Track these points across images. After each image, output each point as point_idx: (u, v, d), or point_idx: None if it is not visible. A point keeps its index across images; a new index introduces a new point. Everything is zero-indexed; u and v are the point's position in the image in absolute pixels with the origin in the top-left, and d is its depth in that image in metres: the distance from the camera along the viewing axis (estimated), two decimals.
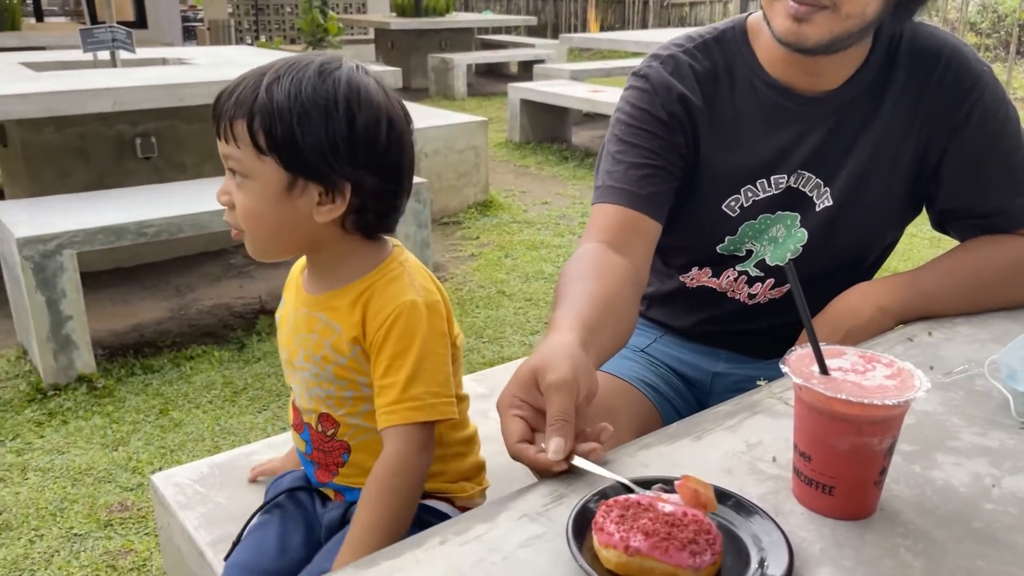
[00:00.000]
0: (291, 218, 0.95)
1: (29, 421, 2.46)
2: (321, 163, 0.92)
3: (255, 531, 1.12)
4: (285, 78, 0.92)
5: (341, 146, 0.92)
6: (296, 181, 0.93)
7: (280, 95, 0.90)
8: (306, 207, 0.95)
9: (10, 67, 3.71)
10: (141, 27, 9.56)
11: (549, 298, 3.47)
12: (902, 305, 1.18)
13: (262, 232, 0.97)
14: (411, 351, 0.96)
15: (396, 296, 0.97)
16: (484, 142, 4.64)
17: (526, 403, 0.85)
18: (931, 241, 4.13)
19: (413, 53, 9.51)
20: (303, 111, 0.90)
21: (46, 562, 1.89)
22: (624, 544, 0.65)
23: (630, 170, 1.18)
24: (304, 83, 0.91)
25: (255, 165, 0.93)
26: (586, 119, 7.32)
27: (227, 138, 0.93)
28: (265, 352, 2.93)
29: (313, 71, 0.92)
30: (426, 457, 0.99)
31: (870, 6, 1.05)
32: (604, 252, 1.12)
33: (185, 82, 3.24)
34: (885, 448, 0.74)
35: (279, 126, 0.90)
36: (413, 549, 0.71)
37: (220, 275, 3.69)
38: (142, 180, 3.55)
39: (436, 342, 0.99)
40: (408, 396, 0.96)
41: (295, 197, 0.94)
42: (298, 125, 0.90)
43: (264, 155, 0.92)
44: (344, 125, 0.92)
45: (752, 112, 1.21)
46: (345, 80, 0.93)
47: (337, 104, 0.91)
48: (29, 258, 2.50)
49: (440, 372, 0.99)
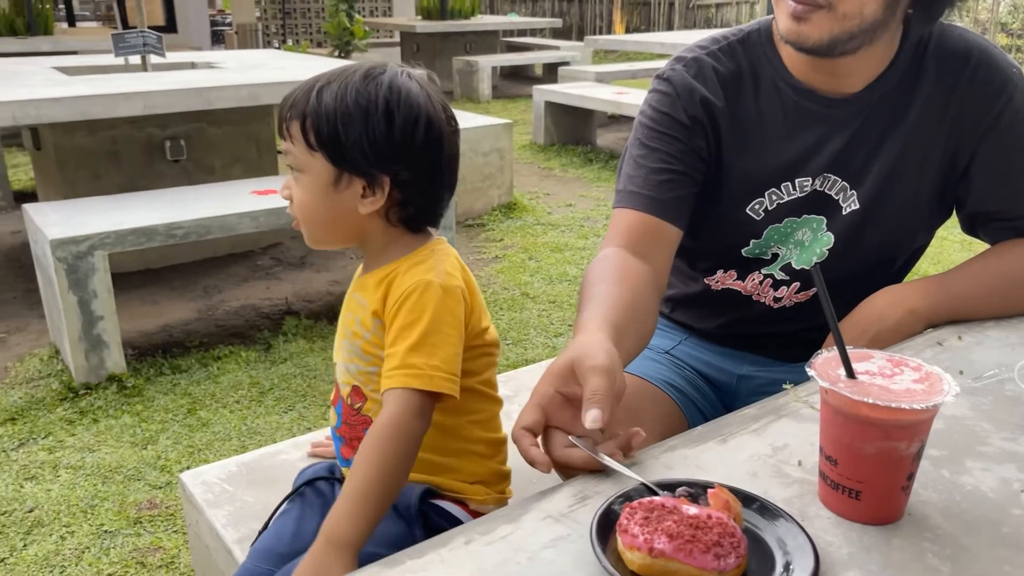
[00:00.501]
0: (339, 209, 1.05)
1: (61, 419, 2.51)
2: (361, 159, 1.01)
3: (277, 519, 1.17)
4: (334, 83, 1.02)
5: (379, 143, 1.01)
6: (342, 175, 1.03)
7: (328, 98, 1.01)
8: (351, 199, 1.04)
9: (44, 71, 3.78)
10: (171, 31, 9.69)
11: (573, 300, 3.47)
12: (932, 308, 1.17)
13: (315, 222, 1.07)
14: (419, 323, 1.01)
15: (416, 276, 1.03)
16: (509, 144, 4.64)
17: (558, 393, 0.86)
18: (962, 244, 4.08)
19: (438, 56, 9.55)
20: (346, 112, 1.00)
21: (77, 558, 1.92)
22: (648, 546, 0.66)
23: (651, 175, 1.19)
24: (349, 87, 1.01)
25: (307, 160, 1.03)
26: (611, 121, 7.31)
27: (285, 136, 1.04)
28: (291, 353, 2.96)
29: (359, 77, 1.02)
30: (420, 425, 1.01)
31: (868, 6, 1.05)
32: (625, 258, 1.13)
33: (213, 86, 3.28)
34: (913, 453, 0.73)
35: (325, 126, 1.01)
36: (438, 548, 0.72)
37: (247, 276, 3.73)
38: (171, 182, 3.60)
39: (446, 322, 1.02)
40: (407, 363, 1.00)
41: (341, 190, 1.03)
42: (341, 125, 1.00)
43: (314, 151, 1.02)
44: (383, 125, 1.00)
45: (775, 114, 1.21)
46: (387, 84, 1.02)
47: (377, 106, 1.00)
48: (62, 259, 2.54)
49: (444, 349, 1.01)
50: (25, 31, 6.47)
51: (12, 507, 2.10)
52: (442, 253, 1.08)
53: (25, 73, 3.69)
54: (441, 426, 1.06)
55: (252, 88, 3.35)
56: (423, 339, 1.00)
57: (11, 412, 2.54)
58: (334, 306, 3.38)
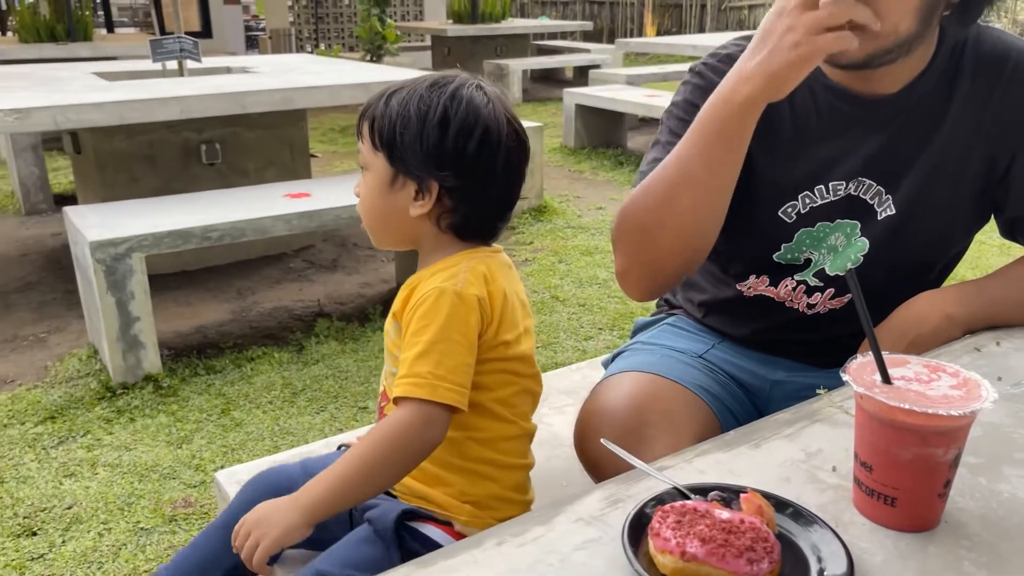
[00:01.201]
0: (393, 210, 1.09)
1: (99, 418, 2.56)
2: (413, 162, 1.06)
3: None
4: (404, 90, 1.08)
5: (430, 148, 1.04)
6: (397, 176, 1.08)
7: (394, 103, 1.07)
8: (404, 201, 1.08)
9: (84, 77, 3.86)
10: (206, 36, 9.84)
11: (603, 303, 3.46)
12: (970, 314, 1.15)
13: (373, 220, 1.13)
14: (427, 330, 1.02)
15: (435, 282, 1.05)
16: (539, 147, 4.65)
17: None
18: (1000, 248, 4.00)
19: (469, 59, 9.58)
20: (406, 117, 1.06)
21: (114, 555, 1.96)
22: (680, 550, 0.66)
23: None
24: (415, 94, 1.06)
25: (371, 159, 1.09)
26: (641, 124, 7.28)
27: (357, 134, 1.11)
28: (323, 354, 2.99)
29: (427, 84, 1.07)
30: (428, 435, 1.00)
31: (903, 23, 1.03)
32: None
33: (248, 90, 3.33)
34: (950, 459, 0.73)
35: (387, 127, 1.07)
36: (471, 549, 0.72)
37: (280, 279, 3.77)
38: (206, 185, 3.65)
39: (456, 329, 1.02)
40: (412, 371, 1.01)
41: (396, 190, 1.08)
42: (399, 127, 1.06)
43: (377, 151, 1.08)
44: (437, 132, 1.04)
45: (809, 115, 1.19)
46: (450, 92, 1.06)
47: (435, 112, 1.04)
48: (101, 261, 2.59)
49: (451, 359, 1.01)
50: (65, 37, 6.60)
51: (52, 503, 2.14)
52: (477, 260, 1.09)
53: (66, 79, 3.77)
54: (447, 438, 1.04)
55: (285, 92, 3.39)
56: (430, 346, 1.01)
57: (51, 411, 2.60)
58: (365, 308, 3.41)
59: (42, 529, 2.05)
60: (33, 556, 1.95)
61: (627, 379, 1.24)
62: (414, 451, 1.02)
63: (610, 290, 3.61)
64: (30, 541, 2.01)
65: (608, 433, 1.05)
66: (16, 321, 3.33)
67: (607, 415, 1.17)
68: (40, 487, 2.21)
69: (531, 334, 1.15)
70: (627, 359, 1.32)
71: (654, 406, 1.15)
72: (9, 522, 2.07)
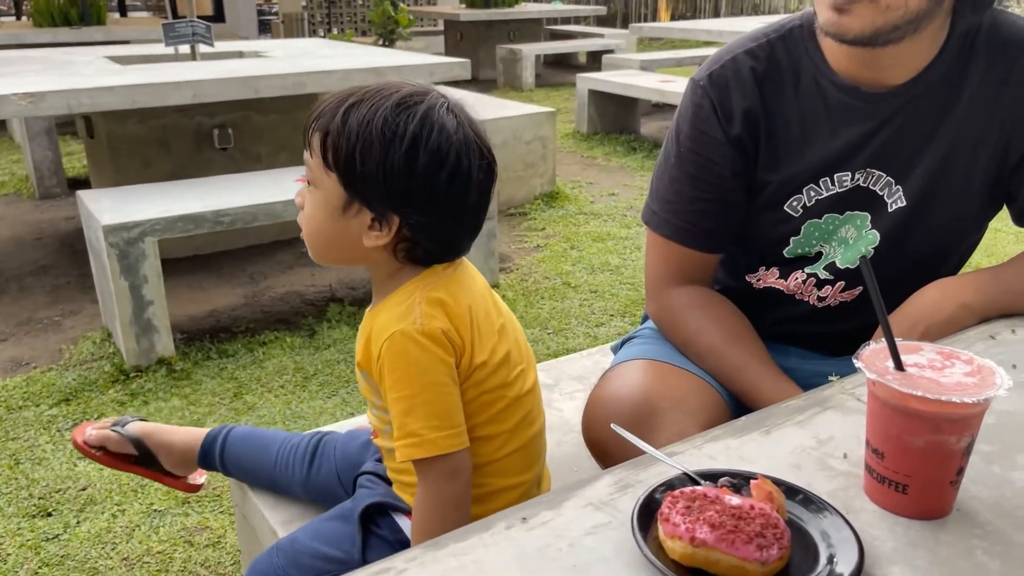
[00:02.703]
0: (343, 234, 0.98)
1: (113, 401, 2.58)
2: (373, 193, 0.94)
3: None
4: (364, 104, 0.94)
5: (395, 181, 0.93)
6: (352, 203, 0.96)
7: (353, 120, 0.93)
8: (357, 228, 0.97)
9: (97, 61, 3.86)
10: (219, 21, 9.82)
11: (615, 290, 3.45)
12: (985, 302, 1.14)
13: (317, 240, 1.01)
14: (403, 385, 0.95)
15: (390, 325, 0.96)
16: (552, 133, 4.63)
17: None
18: (1016, 236, 3.97)
19: (482, 44, 9.55)
20: (367, 140, 0.92)
21: (128, 535, 1.97)
22: (690, 535, 0.65)
23: (692, 204, 1.24)
24: (379, 112, 0.93)
25: (321, 177, 0.97)
26: (655, 109, 7.24)
27: (306, 145, 0.98)
28: (335, 339, 3.00)
29: (393, 102, 0.93)
30: (457, 483, 0.98)
31: None
32: (707, 297, 1.28)
33: (260, 75, 3.33)
34: (963, 447, 0.72)
35: (344, 148, 0.94)
36: (480, 533, 0.72)
37: (292, 263, 3.78)
38: (219, 170, 3.66)
39: (431, 373, 0.95)
40: (407, 432, 0.96)
41: (349, 217, 0.97)
42: (359, 152, 0.93)
43: (329, 170, 0.96)
44: (403, 162, 0.93)
45: (817, 112, 1.18)
46: (420, 116, 0.93)
47: (402, 140, 0.92)
48: (114, 244, 2.60)
49: (438, 405, 0.96)
50: (79, 21, 6.61)
51: (66, 485, 2.16)
52: (429, 287, 0.99)
53: (79, 63, 3.77)
54: None
55: (298, 77, 3.39)
56: (412, 402, 0.95)
57: (65, 393, 2.62)
58: None
59: (57, 510, 2.07)
60: (48, 536, 1.97)
61: (636, 366, 1.23)
62: (458, 498, 0.98)
63: (622, 277, 3.60)
64: (45, 521, 2.03)
65: (617, 419, 1.04)
66: (31, 304, 3.36)
67: (616, 402, 1.16)
68: (55, 468, 2.23)
69: (507, 329, 1.06)
70: (636, 346, 1.32)
71: (664, 393, 1.15)
72: (24, 502, 2.09)
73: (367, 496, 1.12)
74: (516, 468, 1.08)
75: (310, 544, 1.11)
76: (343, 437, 1.32)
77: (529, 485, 1.11)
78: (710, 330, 1.23)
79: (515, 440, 1.07)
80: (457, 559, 0.69)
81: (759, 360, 1.20)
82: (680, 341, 1.26)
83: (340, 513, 1.14)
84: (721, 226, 1.25)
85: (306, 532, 1.15)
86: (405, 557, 0.69)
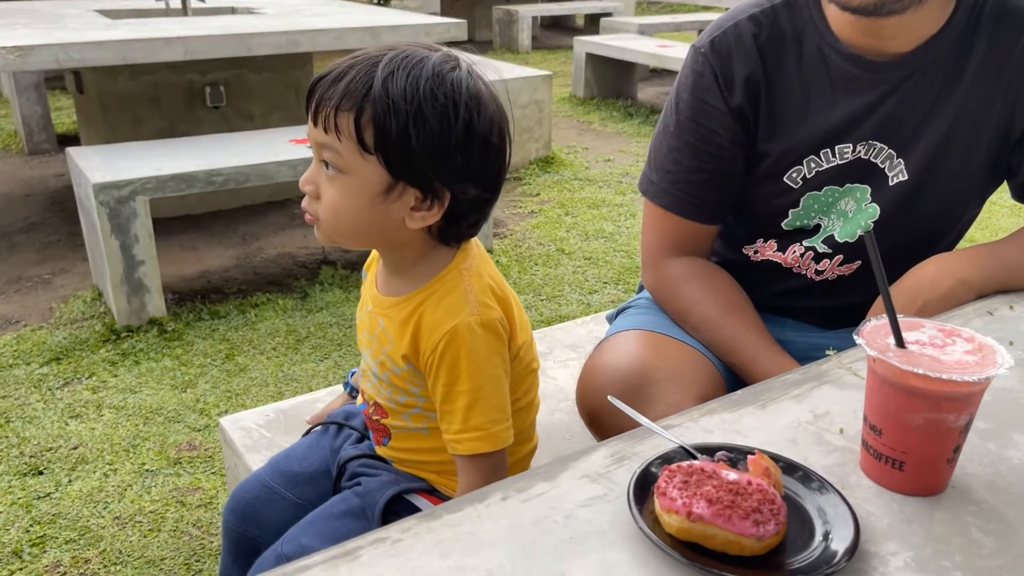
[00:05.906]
0: (382, 220, 0.90)
1: (104, 360, 2.57)
2: (428, 168, 0.87)
3: (296, 443, 1.24)
4: (400, 72, 0.85)
5: (454, 153, 0.87)
6: (396, 184, 0.88)
7: (396, 91, 0.84)
8: (399, 211, 0.90)
9: (86, 14, 3.79)
10: None
11: (608, 257, 3.44)
12: (983, 278, 1.13)
13: (347, 227, 0.92)
14: (466, 379, 0.92)
15: (447, 317, 0.92)
16: (548, 97, 4.58)
17: None
18: (1012, 209, 3.96)
19: (478, 5, 9.40)
20: (419, 112, 0.84)
21: (120, 495, 1.98)
22: (687, 510, 0.65)
23: (691, 175, 1.22)
24: (422, 82, 0.85)
25: (355, 163, 0.87)
26: (653, 75, 7.17)
27: (328, 128, 0.87)
28: (328, 302, 2.98)
29: (430, 70, 0.86)
30: (497, 476, 0.96)
31: None
32: (704, 268, 1.27)
33: (253, 32, 3.27)
34: (961, 425, 0.72)
35: (394, 124, 0.84)
36: (475, 504, 0.72)
37: (284, 225, 3.75)
38: (211, 129, 3.61)
39: (493, 364, 0.94)
40: (470, 426, 0.94)
41: (391, 200, 0.89)
42: (413, 126, 0.84)
43: (368, 154, 0.86)
44: (461, 132, 0.87)
45: (820, 81, 1.16)
46: (464, 84, 0.87)
47: (457, 109, 0.86)
48: (105, 203, 2.57)
49: (499, 396, 0.95)
50: None
51: (58, 443, 2.16)
52: (473, 271, 0.95)
53: (69, 16, 3.70)
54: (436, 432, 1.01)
55: (292, 35, 3.33)
56: (476, 393, 0.93)
57: (56, 352, 2.61)
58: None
59: (48, 468, 2.07)
60: (39, 495, 1.97)
61: (631, 337, 1.23)
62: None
63: (616, 244, 3.59)
64: (36, 480, 2.03)
65: (612, 390, 1.04)
66: (21, 262, 3.33)
67: (611, 372, 1.16)
68: (46, 427, 2.23)
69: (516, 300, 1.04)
70: (632, 317, 1.32)
71: (659, 364, 1.15)
72: (15, 461, 2.09)
73: (378, 486, 1.07)
74: (521, 439, 1.06)
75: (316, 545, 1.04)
76: (301, 445, 1.23)
77: (526, 455, 1.12)
78: (706, 302, 1.22)
79: (527, 404, 1.08)
80: (452, 529, 0.69)
81: (755, 332, 1.19)
82: (676, 312, 1.26)
83: (348, 510, 1.06)
84: (720, 197, 1.24)
85: (314, 537, 1.04)
86: (401, 527, 0.69)
